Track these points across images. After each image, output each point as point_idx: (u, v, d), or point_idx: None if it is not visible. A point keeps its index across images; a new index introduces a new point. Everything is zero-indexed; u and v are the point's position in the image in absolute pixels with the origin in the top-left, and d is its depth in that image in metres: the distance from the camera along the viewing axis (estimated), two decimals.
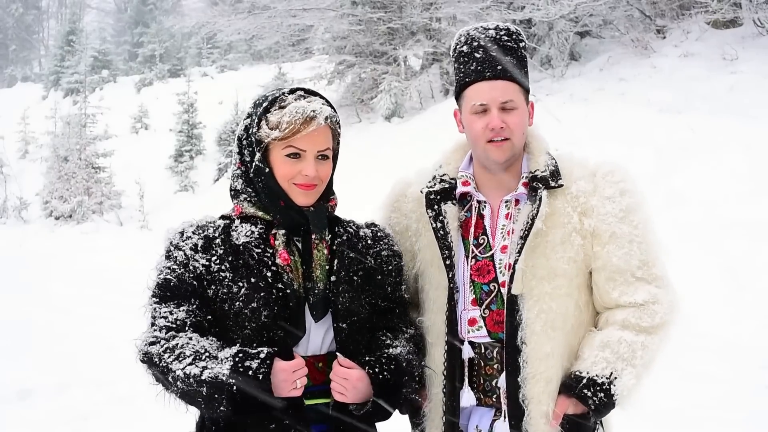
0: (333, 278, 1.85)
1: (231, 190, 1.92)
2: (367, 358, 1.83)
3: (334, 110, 1.94)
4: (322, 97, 1.93)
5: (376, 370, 1.80)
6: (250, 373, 1.69)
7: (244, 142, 1.90)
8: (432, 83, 13.85)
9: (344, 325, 1.83)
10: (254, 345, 1.76)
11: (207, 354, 1.74)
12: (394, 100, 13.24)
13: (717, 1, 10.30)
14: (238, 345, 1.78)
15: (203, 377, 1.70)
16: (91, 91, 23.69)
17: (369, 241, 1.96)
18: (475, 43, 1.98)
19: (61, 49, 32.62)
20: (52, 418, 4.75)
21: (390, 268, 1.97)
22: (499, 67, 1.95)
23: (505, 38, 1.99)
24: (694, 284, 5.90)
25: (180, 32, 29.46)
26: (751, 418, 4.21)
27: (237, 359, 1.71)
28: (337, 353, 1.81)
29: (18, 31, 50.63)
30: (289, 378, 1.73)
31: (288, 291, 1.80)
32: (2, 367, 5.67)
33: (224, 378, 1.69)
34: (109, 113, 17.96)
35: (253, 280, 1.80)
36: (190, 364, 1.72)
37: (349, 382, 1.77)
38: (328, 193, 1.94)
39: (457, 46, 2.04)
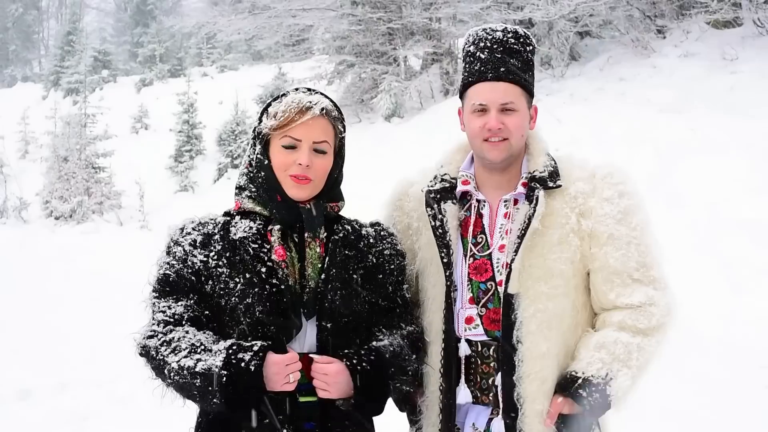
0: (323, 276, 1.84)
1: (236, 187, 1.95)
2: (345, 351, 1.80)
3: (338, 109, 1.95)
4: (327, 97, 1.94)
5: (354, 361, 1.78)
6: (243, 365, 1.69)
7: (252, 141, 1.94)
8: (432, 83, 13.85)
9: (328, 324, 1.82)
10: (249, 340, 1.77)
11: (202, 347, 1.75)
12: (394, 100, 13.24)
13: (717, 1, 10.30)
14: (233, 339, 1.79)
15: (197, 369, 1.71)
16: (91, 91, 23.66)
17: (371, 240, 1.96)
18: (482, 44, 2.01)
19: (61, 49, 32.61)
20: (52, 418, 4.75)
21: (392, 267, 1.97)
22: (501, 69, 1.96)
23: (512, 41, 2.00)
24: (693, 284, 5.89)
25: (180, 32, 29.45)
26: (751, 418, 4.21)
27: (230, 351, 1.72)
28: (311, 355, 1.80)
29: (18, 31, 50.61)
30: (281, 371, 1.73)
31: (282, 287, 1.80)
32: (2, 367, 5.67)
33: (217, 370, 1.69)
34: (109, 113, 17.93)
35: (248, 275, 1.81)
36: (186, 356, 1.73)
37: (329, 376, 1.76)
38: (334, 196, 1.95)
39: (465, 46, 2.06)
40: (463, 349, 1.97)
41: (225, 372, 1.68)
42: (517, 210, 1.97)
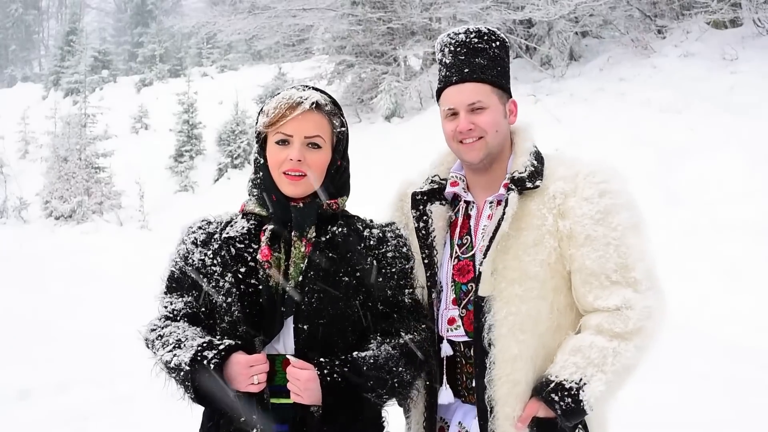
0: (300, 278, 1.83)
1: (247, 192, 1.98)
2: (320, 359, 1.76)
3: (335, 103, 1.95)
4: (324, 92, 1.94)
5: (325, 371, 1.73)
6: (205, 362, 1.73)
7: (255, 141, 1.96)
8: (432, 83, 13.83)
9: (304, 326, 1.80)
10: (224, 338, 1.80)
11: (186, 342, 1.79)
12: (394, 100, 13.25)
13: (717, 1, 10.31)
14: (217, 336, 1.82)
15: (172, 364, 1.78)
16: (91, 91, 23.69)
17: (373, 242, 1.92)
18: (446, 49, 2.02)
19: (61, 49, 32.64)
20: (52, 418, 4.74)
21: (393, 270, 1.91)
22: (465, 70, 1.96)
23: (475, 40, 1.99)
24: (693, 284, 5.90)
25: (180, 32, 29.45)
26: (751, 418, 4.20)
27: (199, 348, 1.76)
28: (288, 356, 1.78)
29: (18, 31, 50.62)
30: (244, 372, 1.73)
31: (260, 287, 1.81)
32: (2, 367, 5.67)
33: (184, 366, 1.75)
34: (109, 113, 17.95)
35: (229, 275, 1.84)
36: (170, 351, 1.79)
37: (301, 382, 1.73)
38: (336, 192, 1.93)
39: (436, 55, 2.08)
40: (445, 350, 1.96)
41: (188, 368, 1.74)
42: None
